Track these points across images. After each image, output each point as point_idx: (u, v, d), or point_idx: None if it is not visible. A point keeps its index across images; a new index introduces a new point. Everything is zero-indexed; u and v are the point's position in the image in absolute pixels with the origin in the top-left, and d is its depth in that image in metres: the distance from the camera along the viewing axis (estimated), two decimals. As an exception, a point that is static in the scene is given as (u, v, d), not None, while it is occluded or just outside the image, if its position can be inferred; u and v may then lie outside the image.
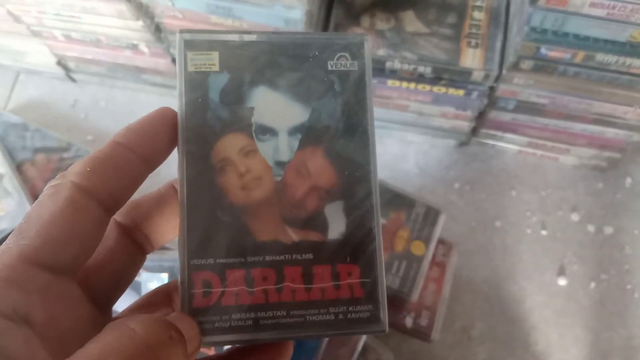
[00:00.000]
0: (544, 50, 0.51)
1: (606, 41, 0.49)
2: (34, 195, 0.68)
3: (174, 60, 0.66)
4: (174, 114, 0.21)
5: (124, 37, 0.63)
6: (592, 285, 0.65)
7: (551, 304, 0.65)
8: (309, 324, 0.20)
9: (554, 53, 0.51)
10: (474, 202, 0.69)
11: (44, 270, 0.17)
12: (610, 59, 0.50)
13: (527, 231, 0.68)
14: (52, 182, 0.18)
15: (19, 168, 0.70)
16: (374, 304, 0.21)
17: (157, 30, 0.61)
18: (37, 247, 0.17)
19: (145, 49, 0.65)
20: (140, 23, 0.58)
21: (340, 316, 0.20)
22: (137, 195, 0.21)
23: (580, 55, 0.51)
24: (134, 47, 0.65)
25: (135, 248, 0.22)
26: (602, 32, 0.48)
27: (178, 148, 0.21)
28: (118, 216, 0.21)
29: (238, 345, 0.21)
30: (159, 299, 0.22)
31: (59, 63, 0.74)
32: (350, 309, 0.21)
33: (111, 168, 0.19)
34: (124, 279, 0.21)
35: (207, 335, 0.19)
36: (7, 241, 0.18)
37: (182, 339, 0.18)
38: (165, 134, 0.20)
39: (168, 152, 0.21)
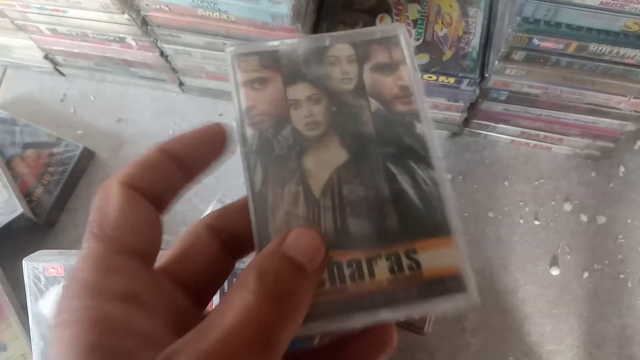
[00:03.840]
0: (536, 41, 0.50)
1: (599, 31, 0.48)
2: (23, 190, 0.67)
3: (161, 54, 0.65)
4: (224, 131, 0.22)
5: (110, 31, 0.62)
6: (586, 275, 0.65)
7: (545, 295, 0.65)
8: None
9: (547, 44, 0.50)
10: (467, 193, 0.69)
11: (133, 258, 0.19)
12: (604, 49, 0.49)
13: (520, 221, 0.67)
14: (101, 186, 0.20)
15: (8, 164, 0.69)
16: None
17: (144, 23, 0.60)
18: (119, 237, 0.19)
19: (132, 43, 0.64)
20: (126, 16, 0.57)
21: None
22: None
23: (573, 46, 0.50)
24: (121, 41, 0.64)
25: (226, 252, 0.22)
26: (596, 21, 0.47)
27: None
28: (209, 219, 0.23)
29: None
30: None
31: (47, 57, 0.73)
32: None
33: (154, 172, 0.20)
34: (215, 279, 0.22)
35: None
36: (85, 243, 0.19)
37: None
38: (212, 150, 0.22)
39: (210, 167, 0.22)
